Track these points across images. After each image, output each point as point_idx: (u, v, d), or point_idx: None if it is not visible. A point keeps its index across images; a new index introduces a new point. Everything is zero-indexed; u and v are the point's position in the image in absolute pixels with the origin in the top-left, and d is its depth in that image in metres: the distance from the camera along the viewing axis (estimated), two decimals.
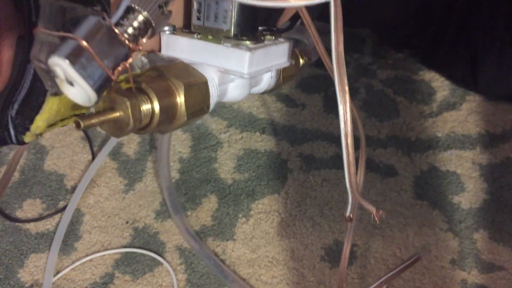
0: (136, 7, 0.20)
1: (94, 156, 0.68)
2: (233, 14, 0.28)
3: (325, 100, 0.72)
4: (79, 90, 0.18)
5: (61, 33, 0.18)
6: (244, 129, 0.70)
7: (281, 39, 0.31)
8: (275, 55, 0.31)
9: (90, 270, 0.58)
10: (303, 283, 0.55)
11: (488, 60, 0.67)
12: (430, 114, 0.70)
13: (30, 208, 0.63)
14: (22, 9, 0.20)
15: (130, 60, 0.21)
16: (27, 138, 0.23)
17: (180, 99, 0.26)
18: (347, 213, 0.31)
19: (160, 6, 0.21)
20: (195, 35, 0.29)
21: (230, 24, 0.28)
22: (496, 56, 0.67)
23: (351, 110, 0.27)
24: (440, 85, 0.73)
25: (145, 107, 0.24)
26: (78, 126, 0.21)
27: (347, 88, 0.27)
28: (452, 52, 0.70)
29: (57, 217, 0.63)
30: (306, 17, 0.30)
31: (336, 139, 0.68)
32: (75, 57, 0.17)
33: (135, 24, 0.20)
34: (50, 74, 0.18)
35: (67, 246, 0.60)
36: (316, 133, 0.68)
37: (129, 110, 0.23)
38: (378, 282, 0.53)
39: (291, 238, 0.59)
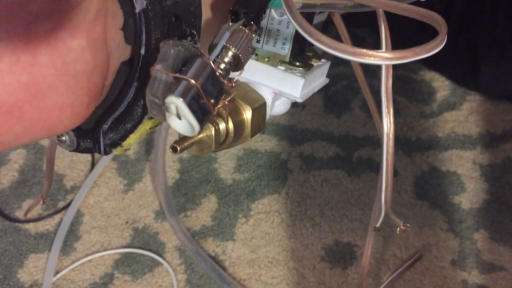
0: (228, 45, 0.23)
1: (93, 156, 0.68)
2: (291, 42, 0.30)
3: (326, 100, 0.72)
4: (184, 123, 0.21)
5: (177, 75, 0.20)
6: None
7: (323, 60, 0.34)
8: (319, 76, 0.34)
9: (90, 270, 0.58)
10: (303, 283, 0.55)
11: (489, 59, 0.67)
12: (430, 114, 0.70)
13: None
14: (131, 41, 0.23)
15: (228, 98, 0.24)
16: (117, 151, 0.26)
17: (247, 120, 0.29)
18: (377, 225, 0.35)
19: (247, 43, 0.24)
20: (253, 56, 0.31)
21: (288, 51, 0.31)
22: (496, 56, 0.67)
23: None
24: (440, 85, 0.73)
25: (223, 129, 0.28)
26: (175, 150, 0.24)
27: (392, 116, 0.28)
28: (452, 52, 0.70)
29: (56, 217, 0.62)
30: (359, 72, 0.35)
31: (336, 139, 0.68)
32: (188, 96, 0.20)
33: (226, 59, 0.23)
34: (162, 108, 0.21)
35: (67, 246, 0.60)
36: (316, 133, 0.68)
37: (213, 133, 0.26)
38: (384, 284, 0.53)
39: (291, 238, 0.59)
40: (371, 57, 0.19)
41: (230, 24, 0.24)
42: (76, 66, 0.19)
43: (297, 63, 0.31)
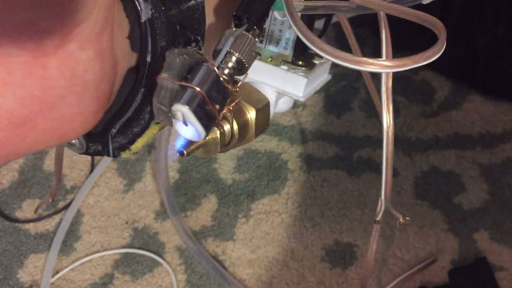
0: (231, 50, 0.24)
1: (93, 157, 0.68)
2: (293, 42, 0.31)
3: (326, 100, 0.72)
4: (190, 129, 0.22)
5: (183, 83, 0.21)
6: None
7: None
8: (321, 73, 0.34)
9: (90, 270, 0.58)
10: (303, 283, 0.55)
11: (488, 59, 0.67)
12: (430, 114, 0.70)
13: (29, 208, 0.63)
14: (137, 49, 0.24)
15: (233, 104, 0.25)
16: (125, 154, 0.27)
17: (251, 121, 0.30)
18: (377, 218, 0.35)
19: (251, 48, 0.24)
20: (257, 56, 0.32)
21: (290, 51, 0.31)
22: (496, 55, 0.67)
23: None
24: (440, 85, 0.73)
25: (228, 131, 0.28)
26: (182, 154, 0.25)
27: (391, 110, 0.30)
28: (452, 51, 0.70)
29: (56, 217, 0.62)
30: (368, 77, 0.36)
31: (336, 139, 0.68)
32: (194, 104, 0.21)
33: (230, 65, 0.24)
34: (168, 114, 0.22)
35: (67, 246, 0.60)
36: (317, 133, 0.68)
37: (218, 136, 0.27)
38: (393, 283, 0.53)
39: (291, 238, 0.59)
40: (372, 65, 0.20)
41: (234, 29, 0.24)
42: (85, 77, 0.20)
43: (300, 62, 0.31)
